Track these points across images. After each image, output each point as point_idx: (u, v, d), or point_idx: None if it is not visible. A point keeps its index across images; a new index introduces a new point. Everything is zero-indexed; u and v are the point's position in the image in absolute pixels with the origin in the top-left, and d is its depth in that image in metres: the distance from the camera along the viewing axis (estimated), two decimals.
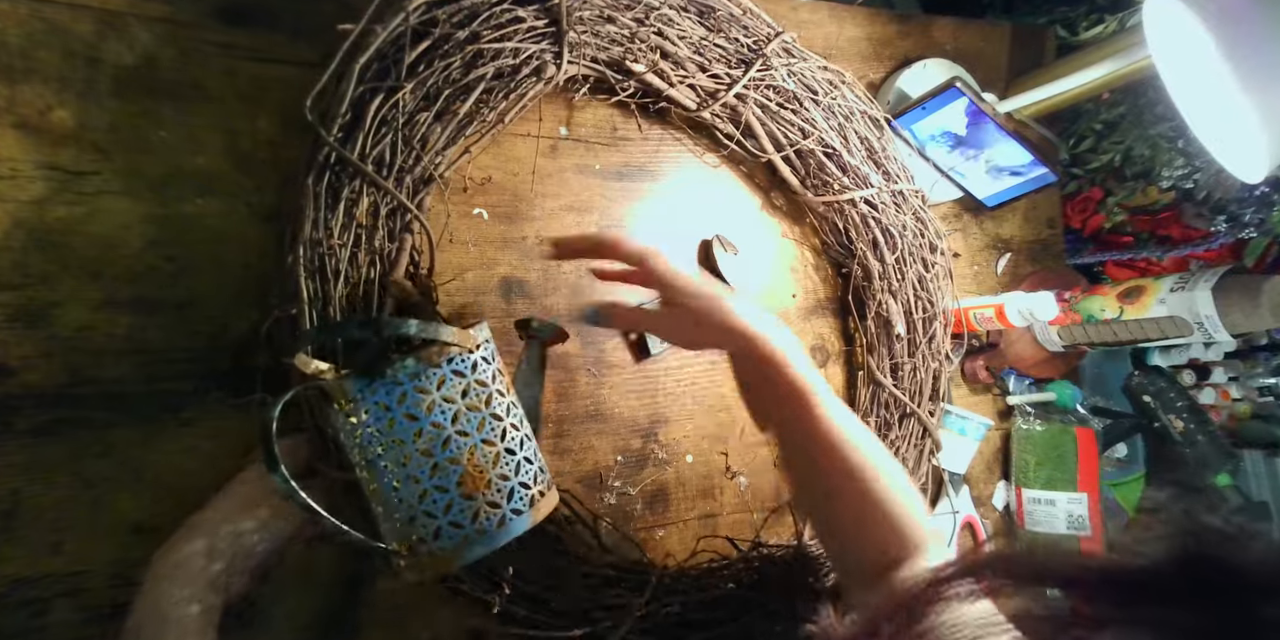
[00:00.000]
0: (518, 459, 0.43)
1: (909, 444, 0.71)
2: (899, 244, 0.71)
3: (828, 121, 0.68)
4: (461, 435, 0.41)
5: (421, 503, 0.40)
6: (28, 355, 0.46)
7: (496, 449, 0.42)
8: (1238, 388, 1.09)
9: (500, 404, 0.43)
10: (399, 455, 0.40)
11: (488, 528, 0.41)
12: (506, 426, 0.43)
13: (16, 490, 0.45)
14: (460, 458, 0.40)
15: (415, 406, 0.40)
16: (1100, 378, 1.06)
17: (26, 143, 0.47)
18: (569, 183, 0.64)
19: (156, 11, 0.51)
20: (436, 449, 0.40)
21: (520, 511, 0.42)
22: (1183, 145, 0.92)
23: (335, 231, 0.47)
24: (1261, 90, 0.57)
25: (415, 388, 0.40)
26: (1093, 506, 0.80)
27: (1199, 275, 0.68)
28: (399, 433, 0.40)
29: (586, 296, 0.64)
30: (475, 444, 0.41)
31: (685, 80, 0.62)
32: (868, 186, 0.69)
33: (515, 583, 0.50)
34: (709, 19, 0.64)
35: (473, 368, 0.42)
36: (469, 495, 0.40)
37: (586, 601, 0.52)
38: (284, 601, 0.52)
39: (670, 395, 0.67)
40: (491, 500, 0.41)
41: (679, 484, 0.67)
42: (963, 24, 0.86)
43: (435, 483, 0.40)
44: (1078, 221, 1.06)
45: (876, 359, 0.72)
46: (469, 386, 0.42)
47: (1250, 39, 0.57)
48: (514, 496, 0.42)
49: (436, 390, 0.40)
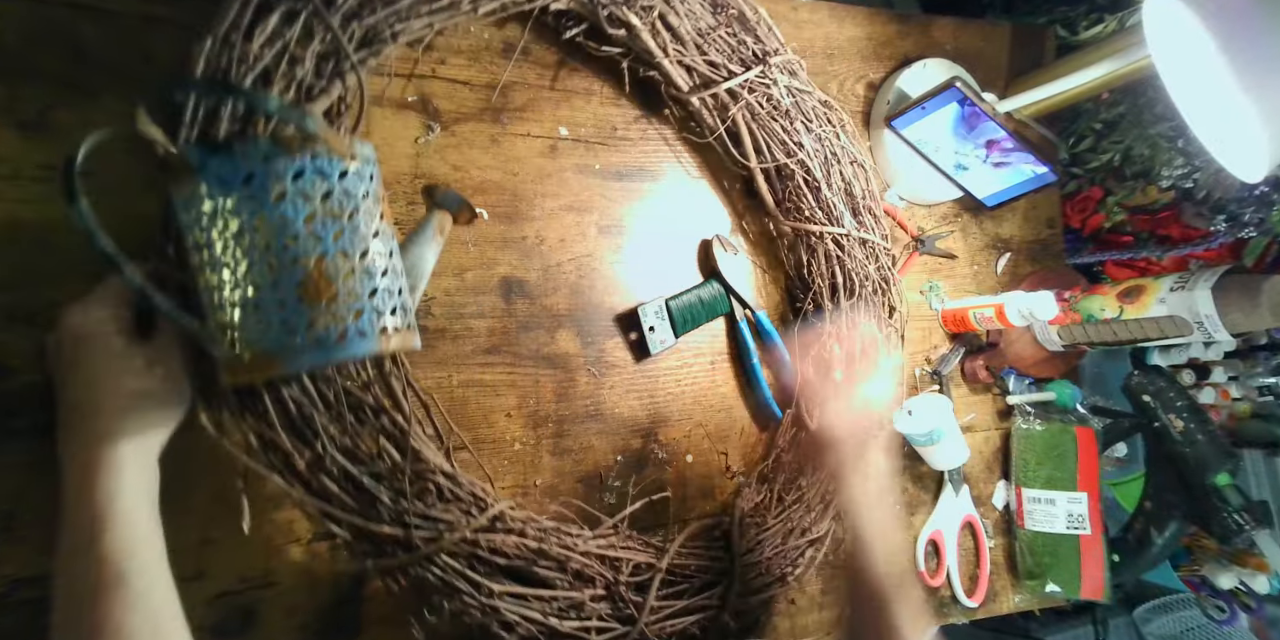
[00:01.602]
0: (375, 284, 0.40)
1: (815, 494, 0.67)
2: (857, 292, 0.69)
3: (815, 151, 0.67)
4: (313, 238, 0.38)
5: (256, 296, 0.38)
6: (28, 355, 0.46)
7: (351, 264, 0.39)
8: (1237, 387, 1.09)
9: (367, 224, 0.40)
10: (238, 242, 0.37)
11: (323, 339, 0.38)
12: (371, 248, 0.40)
13: (16, 490, 0.45)
14: (307, 260, 0.38)
15: (262, 191, 0.37)
16: (1100, 377, 1.06)
17: (26, 143, 0.47)
18: (569, 183, 0.64)
19: (158, 12, 0.51)
20: (279, 244, 0.37)
21: (364, 334, 0.39)
22: (1182, 145, 0.92)
23: (255, 41, 0.43)
24: (1261, 90, 0.57)
25: (267, 172, 0.37)
26: (1092, 506, 0.80)
27: (1199, 275, 0.68)
28: (241, 216, 0.37)
29: (586, 297, 0.64)
30: (327, 251, 0.38)
31: (682, 59, 0.61)
32: (840, 225, 0.68)
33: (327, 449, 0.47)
34: (720, 14, 0.63)
35: (341, 175, 0.39)
36: (309, 300, 0.38)
37: (411, 508, 0.48)
38: (284, 601, 0.52)
39: (670, 395, 0.67)
40: (335, 313, 0.38)
41: (679, 484, 0.67)
42: (963, 24, 0.86)
43: (274, 279, 0.37)
44: (1077, 221, 1.06)
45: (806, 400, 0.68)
46: (332, 191, 0.39)
47: (1250, 39, 0.57)
48: (362, 318, 0.39)
49: (291, 181, 0.37)
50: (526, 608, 0.51)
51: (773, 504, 0.65)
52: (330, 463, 0.46)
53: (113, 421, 0.39)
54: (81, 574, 0.37)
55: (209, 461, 0.49)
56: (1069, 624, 1.12)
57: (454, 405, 0.58)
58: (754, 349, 0.69)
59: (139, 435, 0.40)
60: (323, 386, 0.46)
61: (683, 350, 0.68)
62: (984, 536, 0.81)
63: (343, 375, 0.48)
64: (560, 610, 0.52)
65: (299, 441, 0.45)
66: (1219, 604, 1.04)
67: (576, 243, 0.64)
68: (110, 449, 0.39)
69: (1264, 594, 0.99)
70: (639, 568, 0.57)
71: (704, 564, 0.60)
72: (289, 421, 0.45)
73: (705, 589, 0.59)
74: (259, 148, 0.37)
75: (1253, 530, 0.78)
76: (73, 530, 0.38)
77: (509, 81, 0.62)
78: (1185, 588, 1.07)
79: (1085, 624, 1.11)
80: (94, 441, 0.39)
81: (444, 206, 0.52)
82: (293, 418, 0.45)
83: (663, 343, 0.65)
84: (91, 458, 0.38)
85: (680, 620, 0.56)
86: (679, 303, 0.66)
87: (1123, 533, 0.89)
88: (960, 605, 0.79)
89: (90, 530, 0.37)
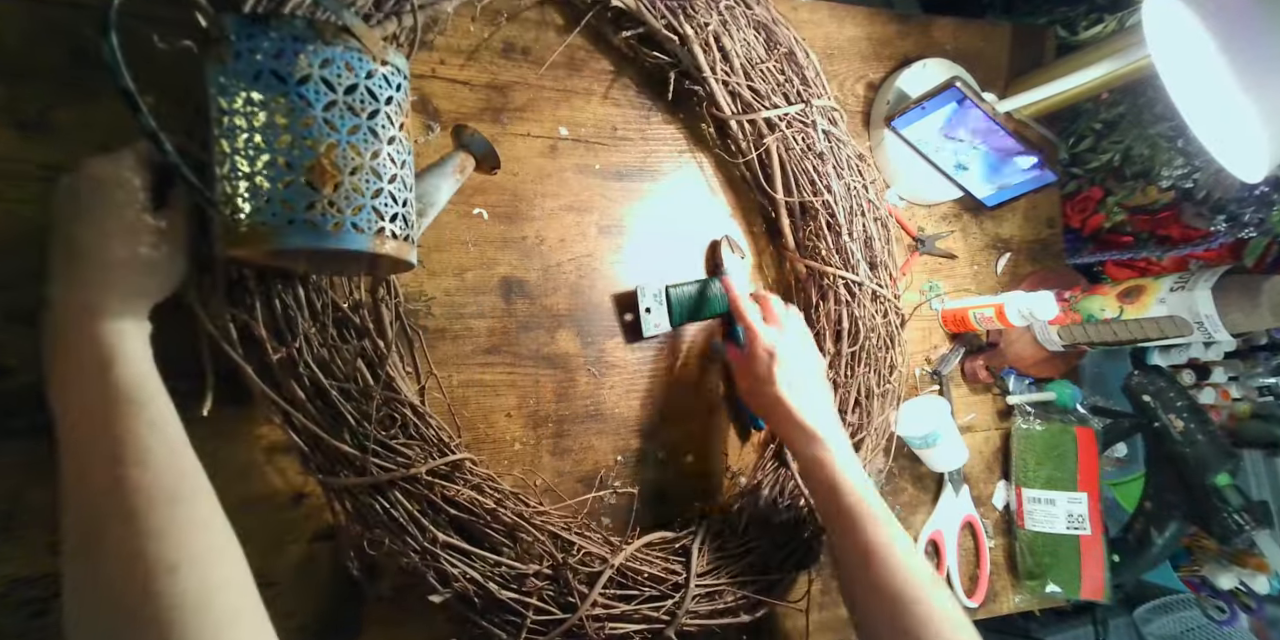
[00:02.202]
0: (381, 186, 0.41)
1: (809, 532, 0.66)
2: (860, 340, 0.69)
3: (842, 196, 0.67)
4: (327, 125, 0.39)
5: (262, 170, 0.38)
6: (28, 355, 0.46)
7: (361, 161, 0.40)
8: (1238, 387, 1.08)
9: (385, 129, 0.41)
10: (255, 117, 0.38)
11: (319, 224, 0.39)
12: (384, 151, 0.41)
13: (16, 490, 0.45)
14: (318, 145, 0.39)
15: (286, 68, 0.38)
16: (1100, 377, 1.06)
17: (26, 143, 0.47)
18: (569, 183, 0.64)
19: (159, 12, 0.50)
20: (295, 124, 0.38)
21: (360, 230, 0.40)
22: (1182, 145, 0.92)
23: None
24: (1261, 90, 0.57)
25: (295, 51, 0.38)
26: (1093, 506, 0.80)
27: (1199, 275, 0.68)
28: (263, 92, 0.38)
29: (586, 297, 0.64)
30: (339, 141, 0.39)
31: (728, 80, 0.62)
32: (855, 273, 0.68)
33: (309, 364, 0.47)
34: (774, 50, 0.64)
35: (367, 75, 0.40)
36: (312, 184, 0.39)
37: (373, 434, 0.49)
38: (285, 602, 0.52)
39: (670, 395, 0.67)
40: (334, 201, 0.39)
41: (679, 484, 0.67)
42: (963, 24, 0.86)
43: (281, 154, 0.38)
44: (1077, 221, 1.06)
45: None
46: (357, 86, 0.40)
47: (1250, 39, 0.57)
48: (361, 213, 0.40)
49: (318, 67, 0.38)
50: (468, 565, 0.51)
51: (740, 532, 0.63)
52: (303, 369, 0.47)
53: (114, 274, 0.39)
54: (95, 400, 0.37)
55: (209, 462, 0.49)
56: (1069, 624, 1.12)
57: (454, 405, 0.58)
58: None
59: (136, 294, 0.40)
60: (313, 295, 0.48)
61: (683, 350, 0.68)
62: (984, 537, 0.81)
63: (335, 290, 0.49)
64: (501, 578, 0.52)
65: (276, 340, 0.46)
66: (1219, 604, 1.04)
67: (576, 243, 0.64)
68: (114, 295, 0.39)
69: (1264, 594, 0.99)
70: (590, 558, 0.55)
71: (658, 575, 0.58)
72: (272, 319, 0.46)
73: (655, 600, 0.57)
74: (293, 27, 0.38)
75: (1253, 530, 0.78)
76: (78, 366, 0.38)
77: (509, 81, 0.62)
78: (1185, 588, 1.07)
79: (1085, 624, 1.11)
80: (97, 286, 0.39)
81: (469, 148, 0.54)
82: (277, 317, 0.47)
83: (657, 327, 0.65)
84: (94, 299, 0.39)
85: (622, 626, 0.54)
86: (679, 291, 0.65)
87: (1123, 533, 0.89)
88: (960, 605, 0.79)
89: (99, 362, 0.37)
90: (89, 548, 0.35)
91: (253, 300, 0.46)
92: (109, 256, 0.40)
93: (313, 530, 0.53)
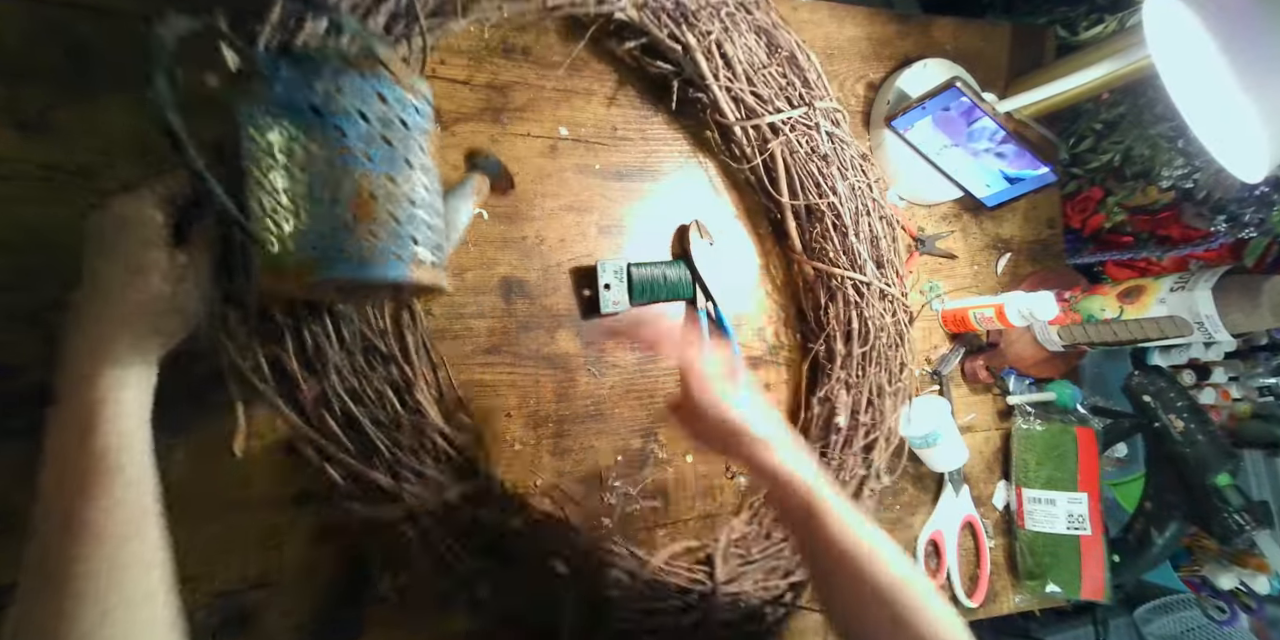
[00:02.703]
0: (416, 212, 0.41)
1: None
2: (871, 340, 0.69)
3: (847, 197, 0.67)
4: (364, 156, 0.39)
5: (302, 205, 0.38)
6: (28, 355, 0.46)
7: (398, 190, 0.40)
8: (1238, 388, 1.08)
9: (416, 157, 0.41)
10: (292, 152, 0.38)
11: (359, 254, 0.39)
12: (416, 178, 0.41)
13: (15, 490, 0.45)
14: (353, 176, 0.38)
15: (323, 100, 0.38)
16: (1100, 377, 1.06)
17: (26, 143, 0.47)
18: (569, 183, 0.64)
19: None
20: (332, 156, 0.38)
21: (399, 257, 0.40)
22: (1183, 145, 0.92)
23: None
24: (1261, 90, 0.57)
25: (330, 85, 0.38)
26: (1093, 506, 0.80)
27: (1199, 275, 0.68)
28: (300, 126, 0.38)
29: None
30: (375, 171, 0.39)
31: (730, 87, 0.62)
32: (863, 273, 0.68)
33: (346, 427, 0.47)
34: (775, 54, 0.64)
35: (400, 103, 0.40)
36: (350, 215, 0.38)
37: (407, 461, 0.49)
38: (283, 601, 0.52)
39: (670, 395, 0.67)
40: (373, 231, 0.39)
41: (679, 484, 0.67)
42: (963, 24, 0.86)
43: (319, 186, 0.38)
44: (1078, 221, 1.06)
45: (809, 443, 0.68)
46: (388, 117, 0.40)
47: (1250, 39, 0.57)
48: (398, 242, 0.40)
49: (352, 99, 0.39)
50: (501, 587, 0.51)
51: (760, 538, 0.63)
52: (335, 400, 0.47)
53: (132, 312, 0.39)
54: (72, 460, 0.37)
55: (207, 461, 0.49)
56: (1069, 624, 1.12)
57: (454, 406, 0.58)
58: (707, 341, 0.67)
59: (151, 334, 0.40)
60: (341, 324, 0.47)
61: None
62: (984, 537, 0.81)
63: (361, 318, 0.49)
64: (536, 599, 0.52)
65: (308, 372, 0.46)
66: (1219, 604, 1.04)
67: (576, 243, 0.64)
68: (126, 335, 0.39)
69: (1264, 594, 0.99)
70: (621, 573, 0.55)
71: (683, 586, 0.58)
72: (302, 351, 0.46)
73: (681, 613, 0.57)
74: (329, 61, 0.38)
75: (1253, 531, 0.78)
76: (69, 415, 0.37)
77: (509, 81, 0.62)
78: (1186, 588, 1.07)
79: (1085, 624, 1.11)
80: (112, 323, 0.39)
81: (484, 171, 0.54)
82: (306, 349, 0.46)
83: (616, 305, 0.63)
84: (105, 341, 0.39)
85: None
86: (641, 271, 0.64)
87: (1123, 533, 0.88)
88: (960, 605, 0.79)
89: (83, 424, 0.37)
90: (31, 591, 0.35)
91: (282, 332, 0.45)
92: (130, 294, 0.40)
93: (313, 530, 0.53)
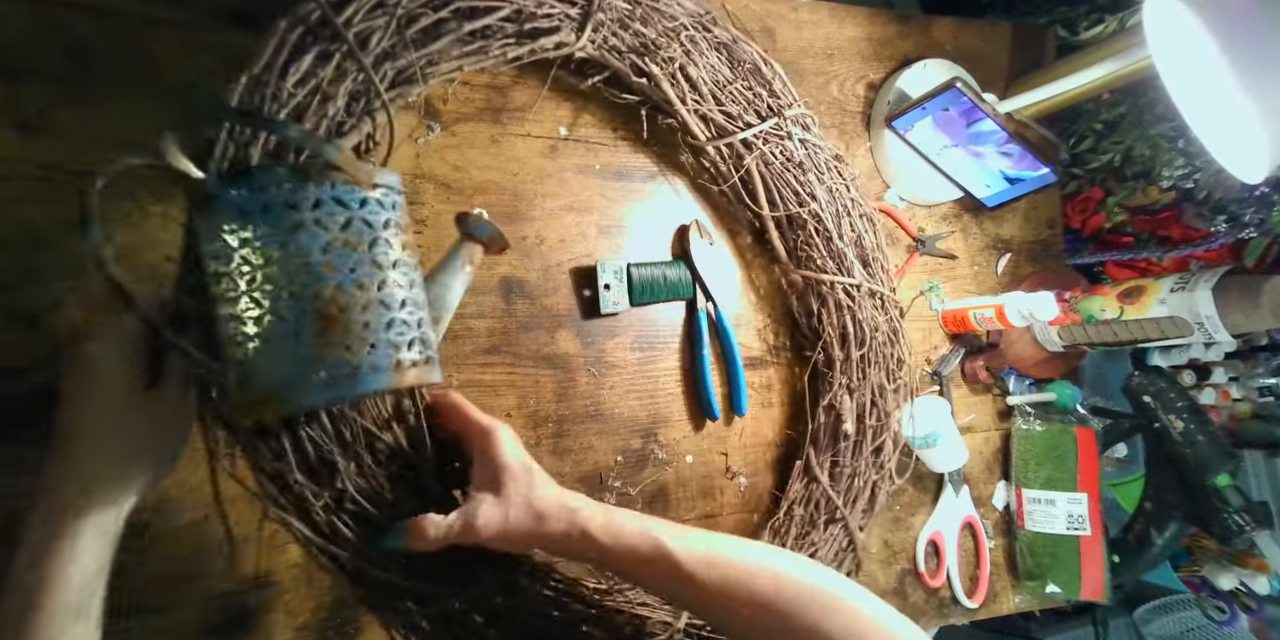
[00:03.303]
0: (392, 316, 0.39)
1: (829, 551, 0.65)
2: (867, 342, 0.69)
3: (827, 202, 0.67)
4: (327, 268, 0.37)
5: (269, 329, 0.36)
6: (29, 356, 0.46)
7: (368, 296, 0.38)
8: (1238, 388, 1.08)
9: (387, 255, 0.39)
10: (253, 273, 0.36)
11: (335, 374, 0.36)
12: (389, 279, 0.39)
13: (17, 491, 0.45)
14: (322, 292, 0.36)
15: (279, 221, 0.36)
16: (1100, 378, 1.06)
17: (26, 143, 0.47)
18: (569, 183, 0.64)
19: (157, 12, 0.51)
20: (295, 275, 0.36)
21: (378, 369, 0.38)
22: (1183, 145, 0.92)
23: (289, 79, 0.43)
24: (1261, 90, 0.57)
25: (284, 201, 0.36)
26: (1093, 506, 0.80)
27: (1199, 275, 0.68)
28: (257, 246, 0.36)
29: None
30: (343, 283, 0.37)
31: (699, 109, 0.62)
32: (851, 275, 0.68)
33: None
34: (737, 68, 0.64)
35: (361, 204, 0.38)
36: (321, 334, 0.36)
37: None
38: (284, 601, 0.52)
39: (670, 395, 0.67)
40: (349, 346, 0.37)
41: (679, 484, 0.67)
42: (963, 24, 0.86)
43: (287, 311, 0.36)
44: (1078, 221, 1.06)
45: (818, 452, 0.68)
46: (352, 221, 0.38)
47: (1250, 39, 0.57)
48: (376, 351, 0.38)
49: (309, 210, 0.36)
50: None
51: None
52: (349, 504, 0.44)
53: (102, 463, 0.38)
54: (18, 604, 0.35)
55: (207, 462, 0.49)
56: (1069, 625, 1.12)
57: None
58: (706, 341, 0.68)
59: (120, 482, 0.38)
60: (341, 426, 0.44)
61: (684, 350, 0.68)
62: (984, 537, 0.81)
63: (363, 415, 0.46)
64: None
65: (315, 483, 0.44)
66: (1219, 605, 1.04)
67: (576, 243, 0.64)
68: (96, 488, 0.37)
69: (1264, 595, 0.99)
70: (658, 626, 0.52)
71: None
72: (305, 461, 0.43)
73: None
74: (277, 176, 0.36)
75: (1253, 531, 0.78)
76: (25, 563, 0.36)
77: (509, 81, 0.62)
78: (1185, 588, 1.07)
79: (1085, 625, 1.11)
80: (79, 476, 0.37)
81: (475, 236, 0.50)
82: (309, 458, 0.43)
83: (616, 305, 0.63)
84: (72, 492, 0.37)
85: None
86: (641, 271, 0.64)
87: (1123, 533, 0.89)
88: (960, 606, 0.79)
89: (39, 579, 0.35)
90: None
91: (280, 445, 0.43)
92: (100, 443, 0.38)
93: None
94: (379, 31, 0.46)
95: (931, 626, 0.79)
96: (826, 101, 0.78)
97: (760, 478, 0.70)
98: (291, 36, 0.43)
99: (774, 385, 0.72)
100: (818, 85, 0.77)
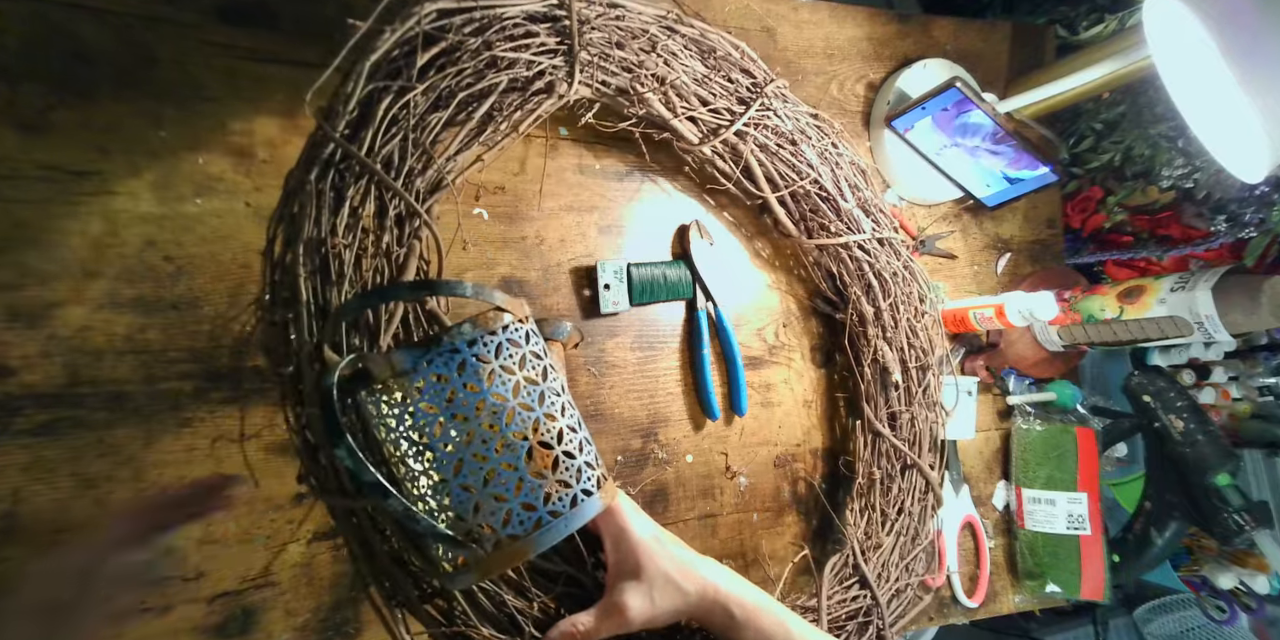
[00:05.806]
0: (579, 438, 0.39)
1: (913, 498, 0.69)
2: (891, 290, 0.70)
3: (822, 168, 0.68)
4: (524, 408, 0.37)
5: (488, 485, 0.36)
6: (28, 355, 0.46)
7: (560, 425, 0.38)
8: (1238, 387, 1.08)
9: (555, 379, 0.40)
10: (461, 432, 0.36)
11: (561, 508, 0.37)
12: (564, 403, 0.40)
13: (17, 490, 0.45)
14: (526, 432, 0.37)
15: (476, 376, 0.36)
16: (1100, 377, 1.06)
17: (26, 143, 0.47)
18: (569, 183, 0.64)
19: (157, 12, 0.51)
20: (502, 422, 0.36)
21: (590, 492, 0.38)
22: (1183, 145, 0.92)
23: (340, 231, 0.43)
24: (1261, 90, 0.57)
25: (475, 355, 0.36)
26: (1093, 506, 0.80)
27: (1199, 275, 0.68)
28: (460, 407, 0.36)
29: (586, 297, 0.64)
30: (539, 418, 0.37)
31: (688, 112, 0.62)
32: (860, 232, 0.69)
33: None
34: (710, 59, 0.64)
35: (526, 338, 0.39)
36: (539, 473, 0.37)
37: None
38: (284, 601, 0.52)
39: (670, 395, 0.67)
40: (562, 479, 0.38)
41: (679, 484, 0.67)
42: (963, 24, 0.86)
43: (504, 460, 0.36)
44: (1078, 221, 1.06)
45: (874, 408, 0.70)
46: (525, 358, 0.38)
47: (1250, 39, 0.57)
48: (582, 476, 0.39)
49: (495, 358, 0.37)
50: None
51: (880, 524, 0.64)
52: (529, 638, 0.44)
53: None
54: None
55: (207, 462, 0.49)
56: (1069, 624, 1.13)
57: None
58: (706, 341, 0.68)
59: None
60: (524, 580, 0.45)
61: (684, 350, 0.68)
62: (984, 537, 0.81)
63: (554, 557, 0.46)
64: None
65: (501, 633, 0.44)
66: (1219, 604, 1.04)
67: (576, 243, 0.64)
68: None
69: (1264, 594, 0.99)
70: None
71: (850, 609, 0.58)
72: (485, 615, 0.43)
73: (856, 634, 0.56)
74: (464, 334, 0.37)
75: (1253, 531, 0.78)
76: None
77: None
78: (1185, 588, 1.08)
79: (1085, 624, 1.11)
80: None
81: (555, 338, 0.53)
82: (486, 611, 0.43)
83: (615, 305, 0.63)
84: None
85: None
86: (641, 271, 0.64)
87: (1123, 533, 0.89)
88: (960, 605, 0.79)
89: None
90: None
91: (459, 606, 0.43)
92: None
93: (313, 530, 0.53)
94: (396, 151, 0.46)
95: (931, 626, 0.79)
96: (826, 101, 0.78)
97: (761, 477, 0.70)
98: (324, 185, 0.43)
99: (774, 385, 0.72)
100: (818, 85, 0.77)
